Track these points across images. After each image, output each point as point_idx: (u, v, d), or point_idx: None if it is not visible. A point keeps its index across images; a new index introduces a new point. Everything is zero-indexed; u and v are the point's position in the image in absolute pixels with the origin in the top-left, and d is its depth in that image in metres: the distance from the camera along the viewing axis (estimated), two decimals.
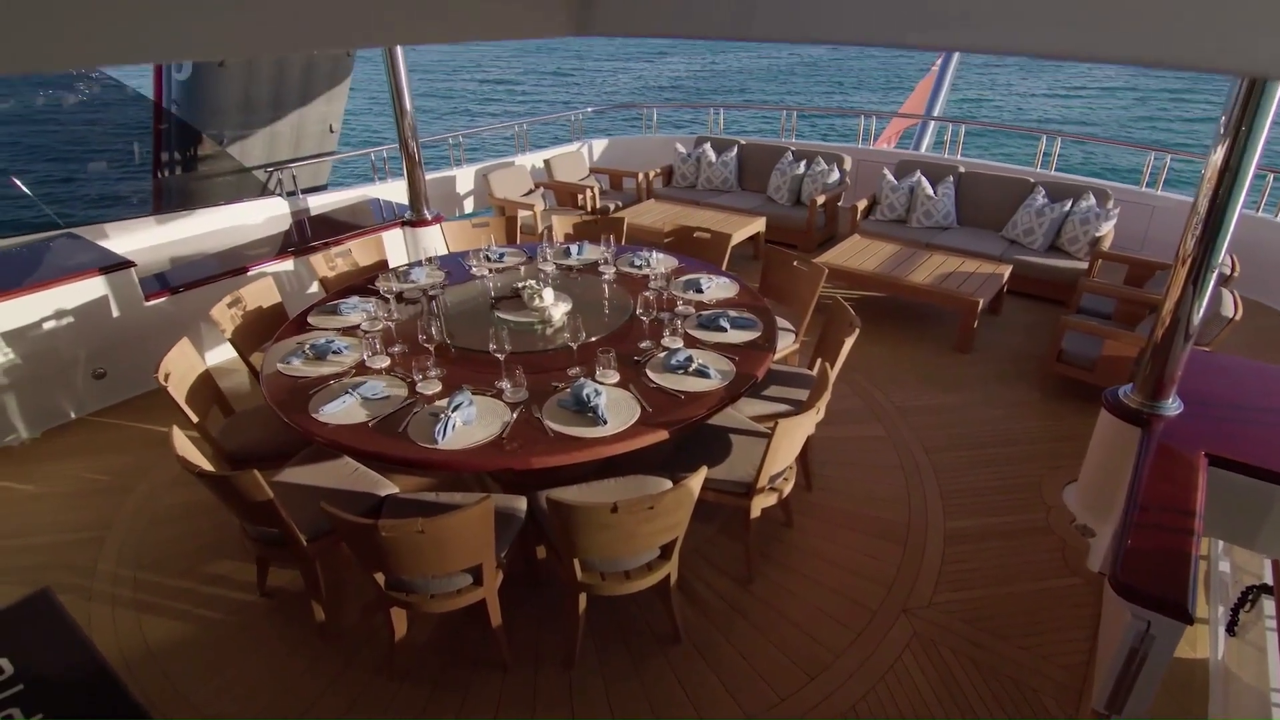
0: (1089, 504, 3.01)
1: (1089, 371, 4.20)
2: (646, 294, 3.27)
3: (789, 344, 3.88)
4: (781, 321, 3.72)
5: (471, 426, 2.58)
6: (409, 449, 2.50)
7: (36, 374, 4.13)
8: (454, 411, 2.56)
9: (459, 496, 2.74)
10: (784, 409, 3.31)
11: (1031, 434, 4.02)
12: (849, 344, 3.17)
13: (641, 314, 3.24)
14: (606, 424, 2.55)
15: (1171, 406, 2.68)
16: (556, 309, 3.43)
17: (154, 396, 4.39)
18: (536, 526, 2.69)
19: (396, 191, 6.42)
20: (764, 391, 3.39)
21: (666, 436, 2.56)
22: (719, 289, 3.71)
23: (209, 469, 2.49)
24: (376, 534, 2.12)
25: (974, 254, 5.59)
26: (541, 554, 3.01)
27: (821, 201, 6.53)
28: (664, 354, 3.01)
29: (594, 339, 3.19)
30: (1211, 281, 2.47)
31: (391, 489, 2.85)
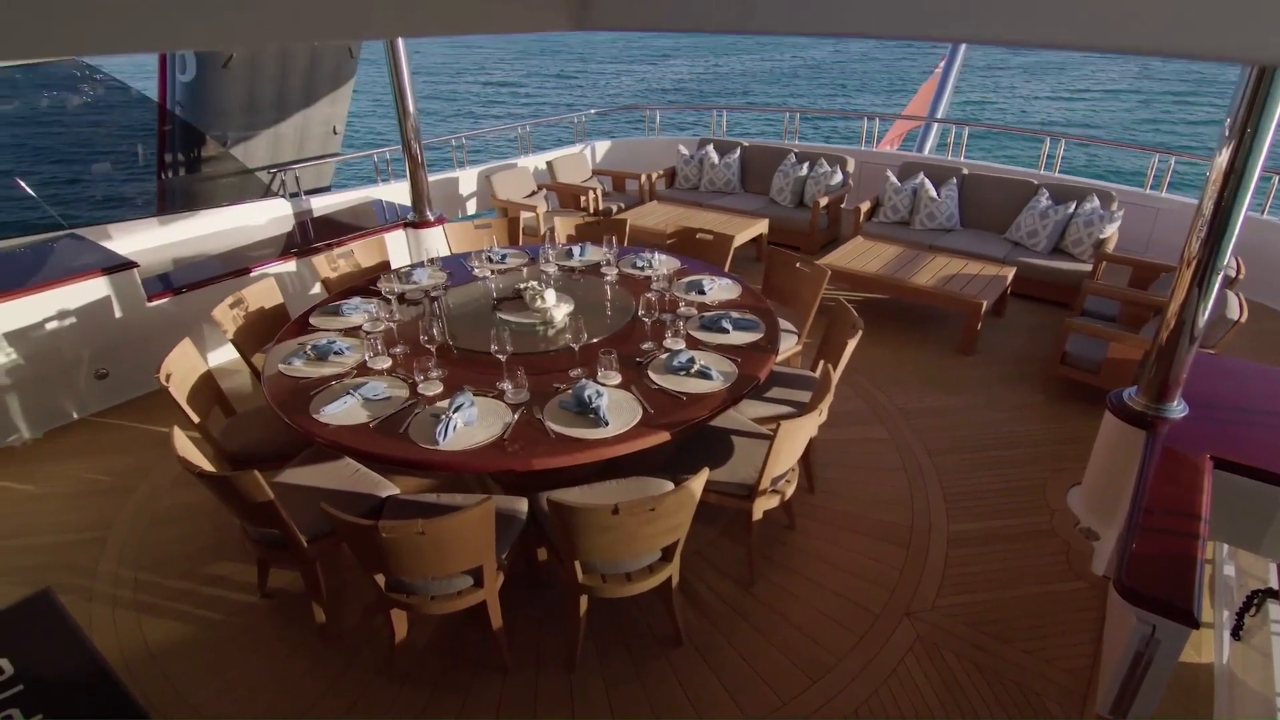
0: (1093, 507, 2.99)
1: (1093, 374, 4.18)
2: (649, 295, 3.26)
3: (791, 346, 3.87)
4: (784, 323, 3.71)
5: (473, 427, 2.57)
6: (410, 450, 2.49)
7: (39, 374, 4.14)
8: (455, 412, 2.56)
9: (460, 498, 2.73)
10: (786, 411, 3.30)
11: (1035, 436, 4.01)
12: (852, 346, 3.16)
13: (643, 315, 3.23)
14: (608, 425, 2.54)
15: (1176, 409, 2.66)
16: (558, 310, 3.42)
17: (156, 397, 4.40)
18: (538, 528, 2.68)
19: (399, 193, 6.42)
20: (766, 393, 3.38)
21: (668, 438, 2.55)
22: (721, 290, 3.70)
23: (209, 469, 2.49)
24: (377, 535, 2.11)
25: (977, 256, 5.58)
26: (543, 556, 3.00)
27: (824, 203, 6.52)
28: (666, 355, 3.00)
29: (596, 340, 3.18)
30: (1216, 284, 2.47)
31: (393, 490, 2.84)
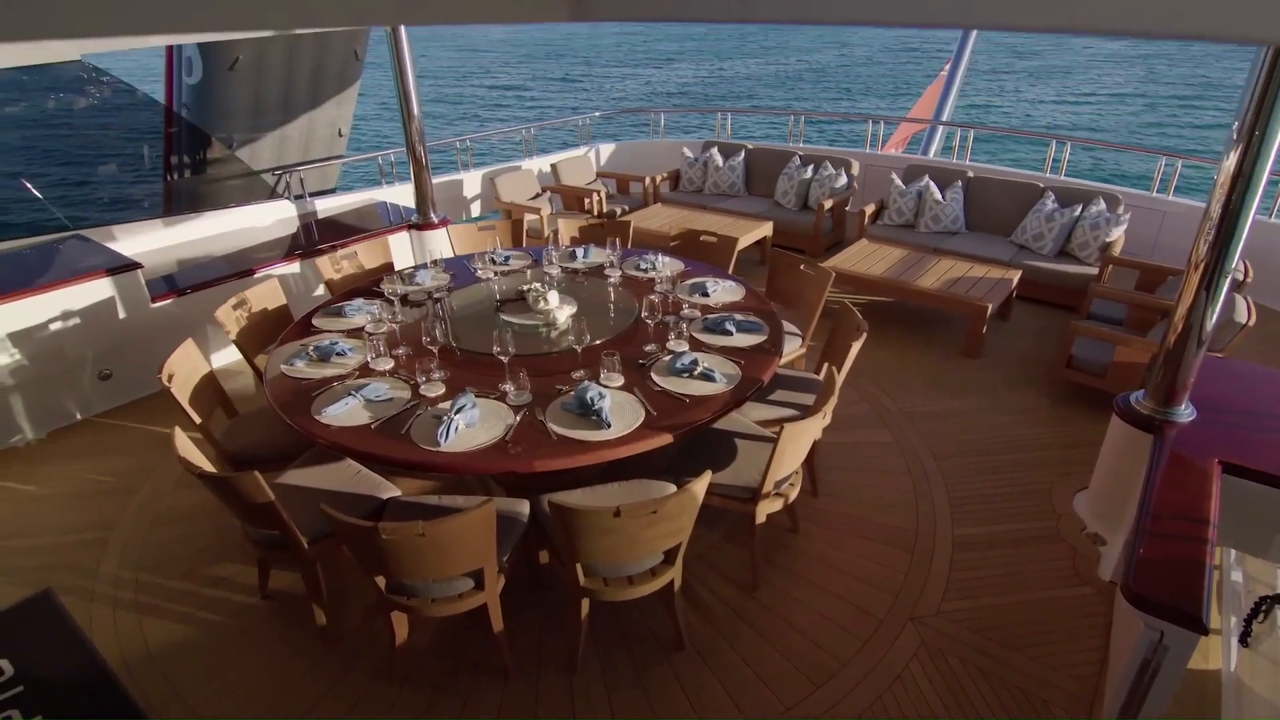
0: (1100, 512, 2.97)
1: (1099, 377, 4.15)
2: (652, 297, 3.24)
3: (795, 348, 3.85)
4: (788, 325, 3.69)
5: (474, 429, 2.56)
6: (411, 451, 2.48)
7: (43, 375, 4.15)
8: (457, 414, 2.55)
9: (462, 500, 2.72)
10: (790, 414, 3.28)
11: (1041, 440, 3.98)
12: (856, 348, 3.14)
13: (647, 317, 3.22)
14: (610, 427, 2.52)
15: (1184, 413, 2.64)
16: (561, 312, 3.41)
17: (159, 398, 4.39)
18: (539, 530, 2.66)
19: (404, 195, 6.43)
20: (770, 396, 3.36)
21: (671, 440, 2.53)
22: (725, 292, 3.68)
23: (210, 470, 2.48)
24: (377, 536, 2.10)
25: (983, 259, 5.55)
26: (544, 558, 2.99)
27: (829, 206, 6.50)
28: (669, 357, 2.99)
29: (599, 342, 3.17)
30: (1225, 287, 2.45)
31: (394, 492, 2.83)
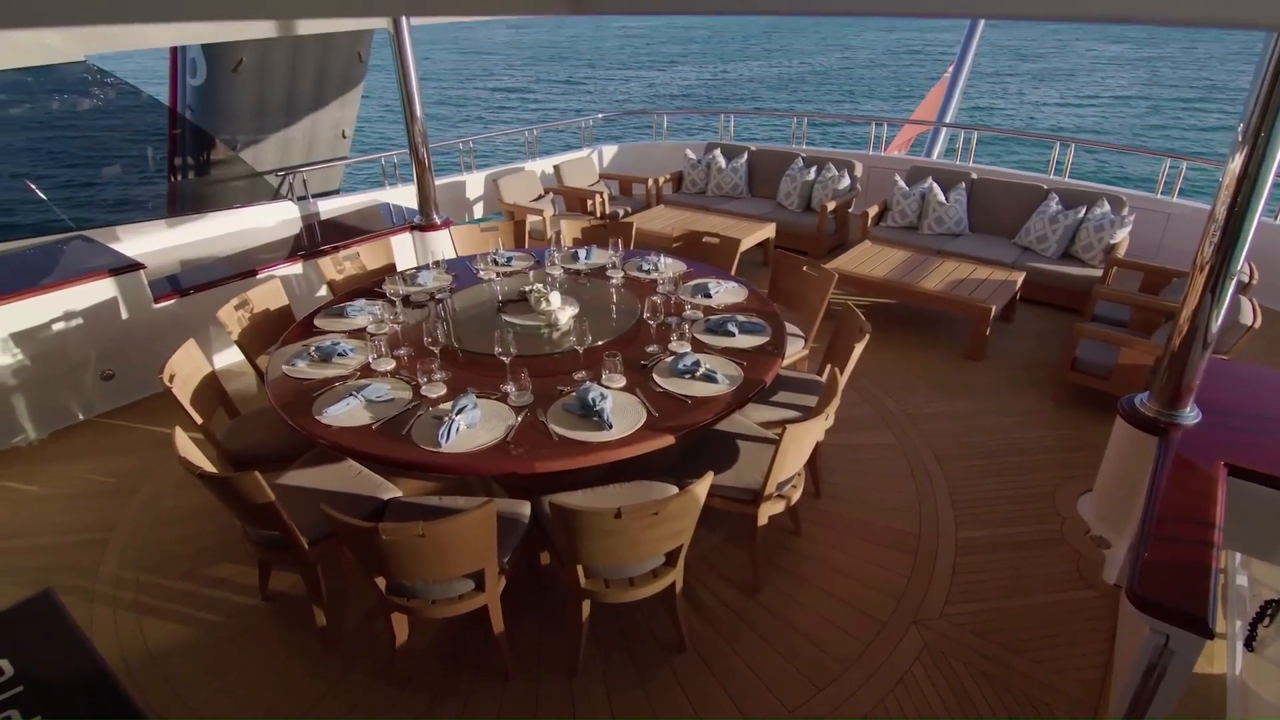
0: (1104, 515, 2.95)
1: (1104, 380, 4.13)
2: (654, 298, 3.24)
3: (798, 349, 3.84)
4: (790, 327, 3.68)
5: (475, 429, 2.55)
6: (412, 452, 2.47)
7: (45, 375, 4.15)
8: (458, 414, 2.54)
9: (462, 501, 2.71)
10: (792, 415, 3.27)
11: (1045, 443, 3.96)
12: (859, 349, 3.12)
13: (649, 318, 3.21)
14: (612, 428, 2.51)
15: (1189, 415, 2.62)
16: (563, 312, 3.40)
17: (162, 399, 4.38)
18: (540, 532, 2.66)
19: (407, 196, 6.44)
20: (772, 397, 3.35)
21: (673, 442, 2.52)
22: (727, 293, 3.67)
23: (210, 470, 2.48)
24: (376, 537, 2.09)
25: (986, 261, 5.53)
26: (545, 560, 2.98)
27: (832, 208, 6.49)
28: (671, 358, 2.98)
29: (600, 343, 3.16)
30: (1230, 289, 2.43)
31: (395, 493, 2.83)
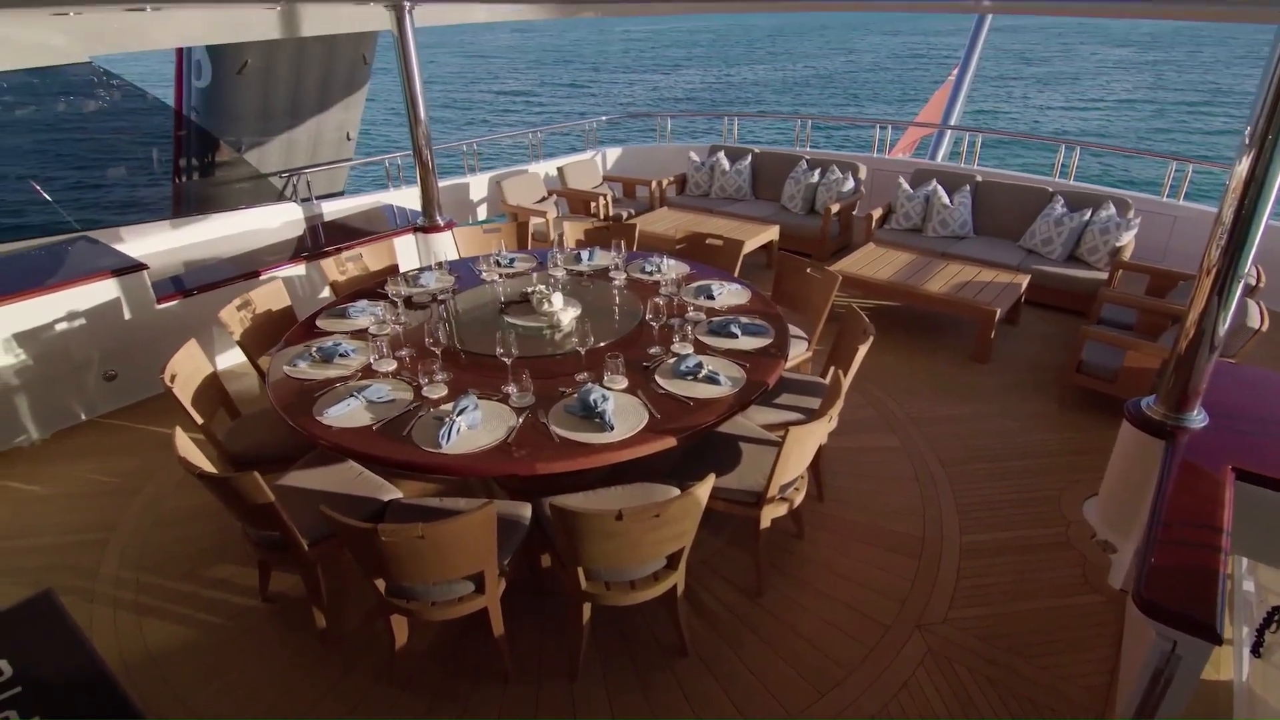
0: (1110, 519, 2.92)
1: (1110, 383, 4.11)
2: (657, 300, 3.23)
3: (801, 352, 3.82)
4: (794, 329, 3.67)
5: (476, 431, 2.54)
6: (413, 453, 2.46)
7: (48, 375, 4.15)
8: (458, 415, 2.53)
9: (463, 502, 2.70)
10: (795, 417, 3.25)
11: (1050, 446, 3.94)
12: (863, 352, 3.11)
13: (651, 320, 3.20)
14: (614, 430, 2.50)
15: (1196, 419, 2.60)
16: (566, 314, 3.39)
17: (164, 399, 4.37)
18: (541, 534, 2.64)
19: (410, 198, 6.44)
20: (775, 399, 3.33)
21: (675, 444, 2.51)
22: (730, 295, 3.66)
23: (210, 470, 2.47)
24: (376, 538, 2.08)
25: (991, 263, 5.51)
26: (546, 562, 2.96)
27: (836, 210, 6.47)
28: (673, 360, 2.97)
29: (603, 344, 3.15)
30: (1237, 292, 2.41)
31: (395, 494, 2.82)
